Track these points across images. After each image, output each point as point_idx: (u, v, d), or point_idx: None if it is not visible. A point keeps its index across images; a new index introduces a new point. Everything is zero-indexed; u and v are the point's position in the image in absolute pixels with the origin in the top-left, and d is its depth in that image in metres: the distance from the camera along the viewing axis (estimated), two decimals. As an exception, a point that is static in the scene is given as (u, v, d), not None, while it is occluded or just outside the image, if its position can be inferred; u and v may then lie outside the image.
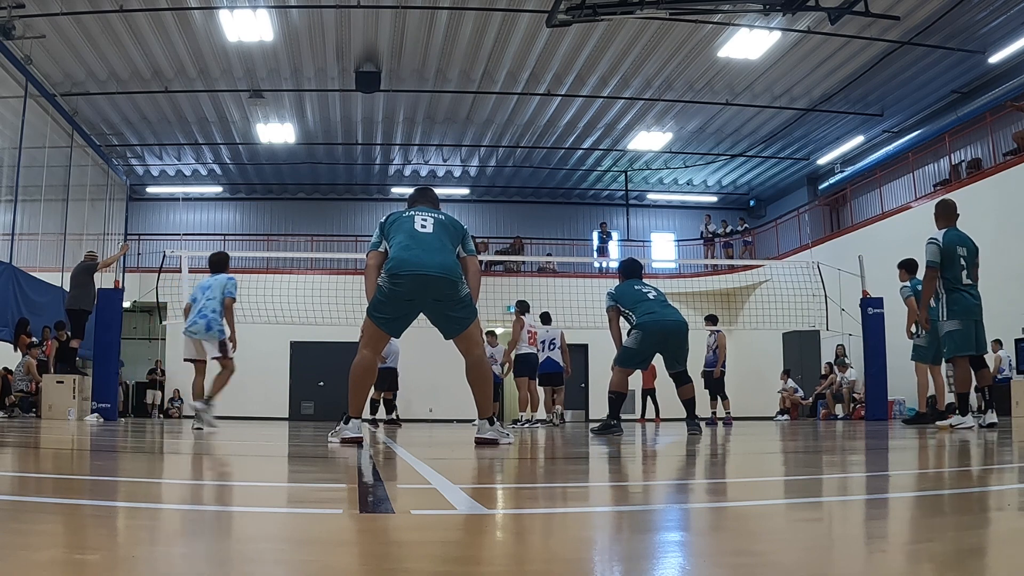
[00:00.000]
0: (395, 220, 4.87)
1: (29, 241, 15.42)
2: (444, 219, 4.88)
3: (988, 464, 3.57)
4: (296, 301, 14.00)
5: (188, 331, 8.00)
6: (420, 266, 4.55)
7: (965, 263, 6.82)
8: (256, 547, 1.50)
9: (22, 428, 7.62)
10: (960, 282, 6.79)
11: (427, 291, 4.59)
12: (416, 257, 4.58)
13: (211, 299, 7.93)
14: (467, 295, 4.70)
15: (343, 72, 16.00)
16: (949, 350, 6.92)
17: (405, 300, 4.64)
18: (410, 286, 4.58)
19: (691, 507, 2.18)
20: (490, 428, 4.84)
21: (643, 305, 7.11)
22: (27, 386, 12.92)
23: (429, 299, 4.64)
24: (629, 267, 7.75)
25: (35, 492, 2.35)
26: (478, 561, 1.39)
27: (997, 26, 14.18)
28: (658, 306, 7.12)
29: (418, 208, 5.00)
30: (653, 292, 7.28)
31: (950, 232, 6.92)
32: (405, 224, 4.79)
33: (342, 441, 4.81)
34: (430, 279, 4.55)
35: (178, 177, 22.61)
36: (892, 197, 18.29)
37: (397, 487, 2.54)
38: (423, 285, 4.57)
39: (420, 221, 4.78)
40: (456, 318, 4.70)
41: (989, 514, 1.97)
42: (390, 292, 4.63)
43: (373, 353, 4.81)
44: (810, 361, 18.72)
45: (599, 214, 24.47)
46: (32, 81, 13.80)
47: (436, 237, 4.72)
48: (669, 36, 14.57)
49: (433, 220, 4.82)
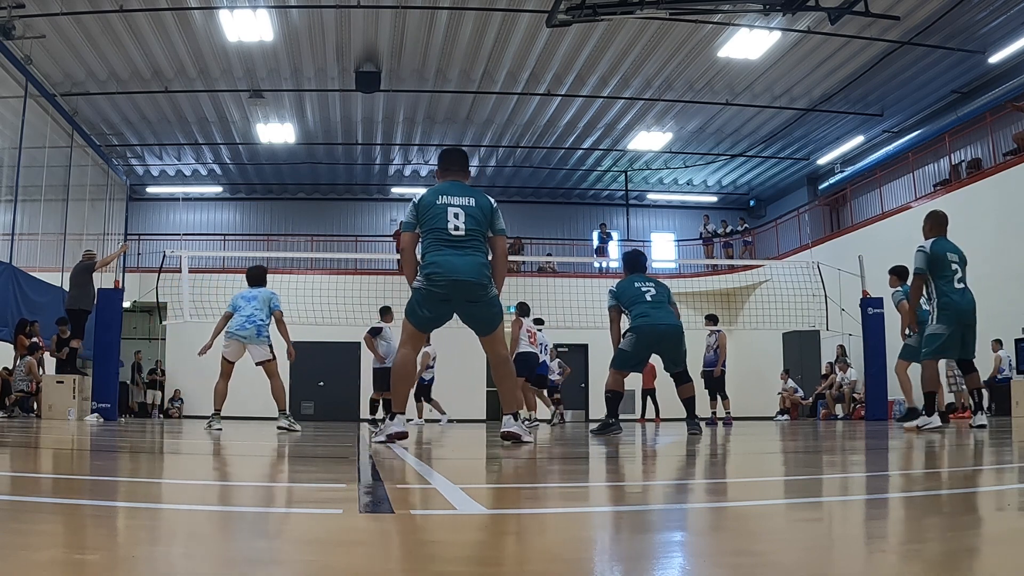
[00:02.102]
0: (430, 206, 4.93)
1: (29, 241, 15.42)
2: (474, 206, 4.93)
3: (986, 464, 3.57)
4: (296, 301, 13.99)
5: (236, 335, 8.25)
6: (454, 271, 4.79)
7: (958, 268, 6.87)
8: (257, 547, 1.50)
9: (22, 428, 7.62)
10: (952, 286, 6.82)
11: (461, 293, 4.83)
12: (450, 262, 4.80)
13: (258, 309, 8.33)
14: (494, 296, 4.94)
15: (343, 72, 16.00)
16: (926, 352, 6.99)
17: (442, 300, 4.87)
18: (446, 289, 4.82)
19: (691, 507, 2.18)
20: (515, 423, 5.02)
21: (638, 307, 7.07)
22: (27, 386, 12.92)
23: (463, 300, 4.87)
24: (631, 261, 7.63)
25: (35, 492, 2.35)
26: (478, 561, 1.39)
27: (997, 26, 14.17)
28: (652, 308, 7.04)
29: (450, 186, 5.03)
30: (653, 291, 7.15)
31: (939, 240, 7.00)
32: (439, 219, 4.87)
33: (388, 437, 4.97)
34: (463, 284, 4.80)
35: (178, 177, 22.61)
36: (892, 197, 18.29)
37: (397, 487, 2.54)
38: (457, 288, 4.81)
39: (453, 220, 4.86)
40: (486, 318, 4.96)
41: (989, 514, 1.97)
42: (427, 293, 4.87)
43: (413, 351, 5.09)
44: (810, 361, 18.71)
45: (599, 214, 24.47)
46: (32, 81, 13.80)
47: (469, 237, 4.86)
48: (669, 36, 14.57)
49: (465, 215, 4.88)
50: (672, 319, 7.09)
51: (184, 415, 19.13)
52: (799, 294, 14.68)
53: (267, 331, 8.35)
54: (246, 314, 8.27)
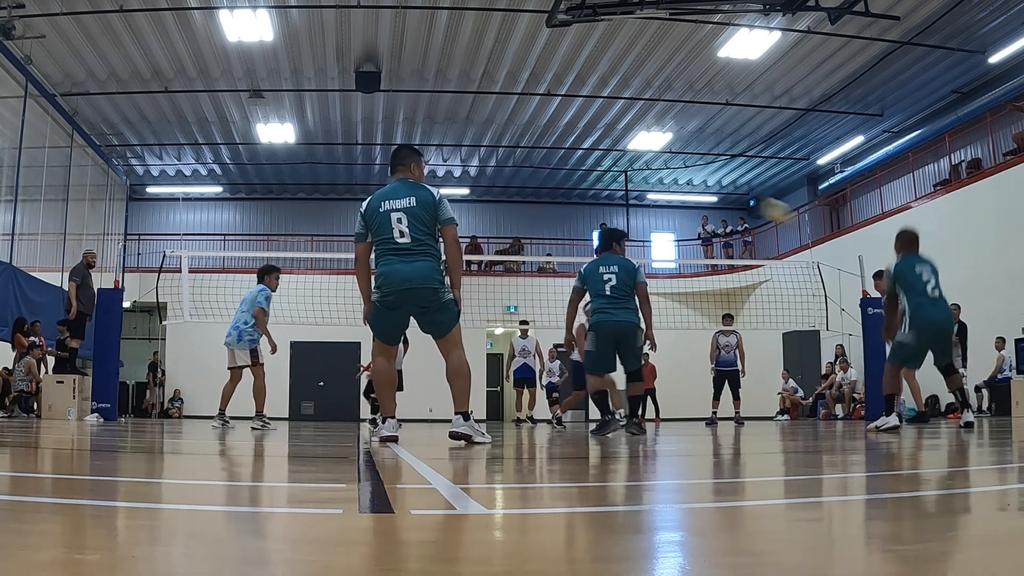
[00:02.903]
0: (374, 214, 4.94)
1: (29, 241, 15.42)
2: (416, 206, 4.89)
3: (986, 465, 3.58)
4: (296, 301, 13.98)
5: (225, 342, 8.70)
6: (402, 280, 4.83)
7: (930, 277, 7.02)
8: (257, 547, 1.50)
9: (22, 428, 7.62)
10: (925, 296, 6.96)
11: (413, 300, 4.88)
12: (397, 271, 4.84)
13: (244, 311, 8.63)
14: (448, 300, 4.91)
15: (343, 72, 16.00)
16: (891, 357, 7.24)
17: (394, 309, 4.94)
18: (396, 297, 4.88)
19: (691, 507, 2.18)
20: (464, 423, 4.95)
21: (597, 300, 7.01)
22: (27, 386, 12.92)
23: (415, 307, 4.92)
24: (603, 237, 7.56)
25: (35, 492, 2.35)
26: (478, 561, 1.39)
27: (997, 26, 14.17)
28: (610, 303, 6.94)
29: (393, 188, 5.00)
30: (614, 280, 6.94)
31: (907, 258, 7.20)
32: (384, 228, 4.88)
33: (380, 440, 5.06)
34: (413, 292, 4.84)
35: (178, 177, 22.60)
36: (892, 197, 18.29)
37: (397, 487, 2.54)
38: (407, 296, 4.86)
39: (397, 226, 4.85)
40: (439, 322, 4.96)
41: (989, 514, 1.97)
42: (381, 304, 4.93)
43: (386, 359, 5.15)
44: (810, 361, 18.71)
45: (599, 214, 24.47)
46: (32, 81, 13.80)
47: (415, 243, 4.85)
48: (669, 36, 14.57)
49: (408, 219, 4.86)
50: (629, 315, 6.96)
51: (184, 415, 19.13)
52: (799, 294, 14.67)
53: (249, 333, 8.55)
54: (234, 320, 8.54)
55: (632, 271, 7.03)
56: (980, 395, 13.80)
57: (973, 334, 13.10)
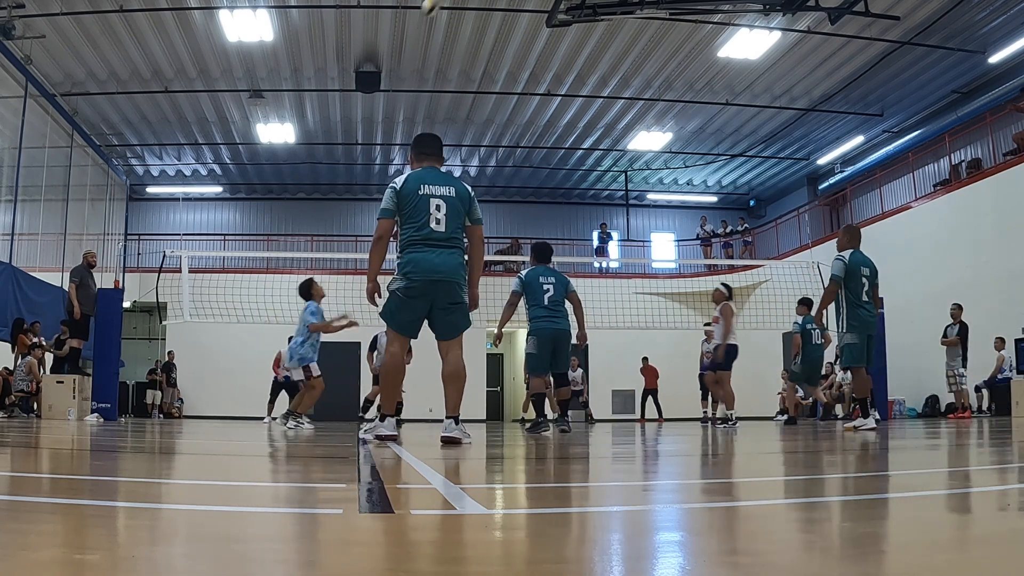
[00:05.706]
0: (411, 196, 4.78)
1: (29, 241, 15.42)
2: (454, 196, 4.82)
3: (987, 465, 3.57)
4: (296, 301, 13.96)
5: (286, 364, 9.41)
6: (433, 271, 4.69)
7: (867, 282, 7.43)
8: (256, 547, 1.50)
9: (22, 428, 7.62)
10: (860, 299, 7.39)
11: (437, 292, 4.74)
12: (428, 261, 4.70)
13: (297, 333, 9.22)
14: (466, 303, 4.87)
15: (343, 72, 16.00)
16: (846, 360, 7.61)
17: (416, 299, 4.76)
18: (423, 286, 4.73)
19: (691, 507, 2.18)
20: (456, 427, 4.91)
21: (536, 309, 7.59)
22: (27, 386, 12.92)
23: (439, 299, 4.77)
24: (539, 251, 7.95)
25: (35, 492, 2.35)
26: (478, 561, 1.39)
27: (997, 26, 14.17)
28: (546, 312, 7.55)
29: (430, 174, 4.89)
30: (551, 291, 7.59)
31: (856, 253, 7.56)
32: (420, 213, 4.73)
33: (376, 438, 4.91)
34: (443, 284, 4.72)
35: (178, 177, 22.61)
36: (892, 197, 18.29)
37: (397, 487, 2.54)
38: (434, 288, 4.73)
39: (435, 213, 4.73)
40: (452, 322, 4.84)
41: (988, 514, 1.97)
42: (404, 295, 4.74)
43: (401, 348, 4.91)
44: (810, 361, 18.67)
45: (599, 214, 24.47)
46: (32, 81, 13.80)
47: (449, 231, 4.76)
48: (669, 36, 14.57)
49: (446, 207, 4.76)
50: (565, 323, 7.65)
51: (184, 415, 19.12)
52: (799, 294, 14.65)
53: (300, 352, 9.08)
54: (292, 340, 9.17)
55: (565, 283, 7.73)
56: (980, 395, 13.80)
57: (973, 334, 13.11)
